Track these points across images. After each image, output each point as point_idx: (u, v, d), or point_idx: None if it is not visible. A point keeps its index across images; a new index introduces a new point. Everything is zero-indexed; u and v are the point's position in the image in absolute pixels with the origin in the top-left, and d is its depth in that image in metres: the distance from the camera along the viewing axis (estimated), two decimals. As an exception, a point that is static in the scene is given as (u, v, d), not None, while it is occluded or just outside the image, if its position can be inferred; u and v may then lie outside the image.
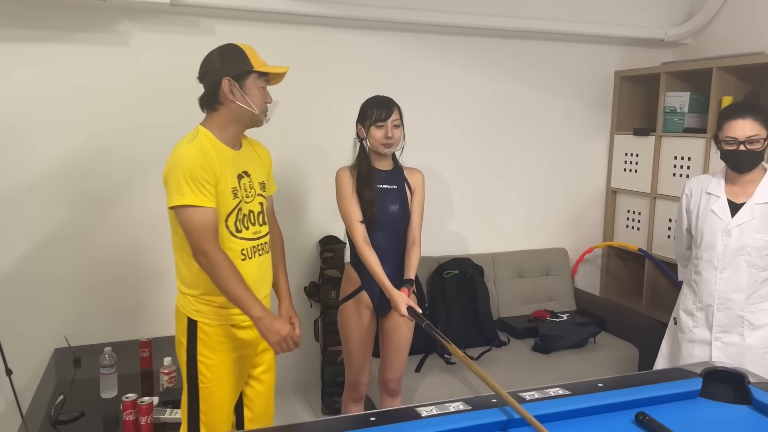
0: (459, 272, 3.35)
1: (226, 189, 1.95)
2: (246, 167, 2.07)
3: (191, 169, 1.86)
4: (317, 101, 3.35)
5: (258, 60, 2.01)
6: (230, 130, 2.02)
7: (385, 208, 2.41)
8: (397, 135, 2.38)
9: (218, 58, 1.99)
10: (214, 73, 1.96)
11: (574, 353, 3.25)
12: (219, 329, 2.01)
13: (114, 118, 3.01)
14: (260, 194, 2.11)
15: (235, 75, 1.95)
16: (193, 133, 2.00)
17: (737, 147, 2.30)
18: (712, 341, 2.42)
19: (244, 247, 2.02)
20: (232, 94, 1.95)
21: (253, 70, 1.97)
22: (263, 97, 2.02)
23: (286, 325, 1.93)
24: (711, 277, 2.40)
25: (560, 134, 3.91)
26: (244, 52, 1.98)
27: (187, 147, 1.92)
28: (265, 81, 2.02)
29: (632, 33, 3.79)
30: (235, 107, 1.97)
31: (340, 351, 3.32)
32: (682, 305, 2.55)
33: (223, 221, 1.96)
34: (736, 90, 3.31)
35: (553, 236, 3.99)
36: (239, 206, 2.00)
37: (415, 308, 2.23)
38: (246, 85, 1.97)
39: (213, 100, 1.99)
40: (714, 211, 2.39)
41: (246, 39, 3.14)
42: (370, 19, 3.26)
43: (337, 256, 3.37)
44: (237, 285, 1.89)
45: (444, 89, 3.58)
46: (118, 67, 2.99)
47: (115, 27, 2.97)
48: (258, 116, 2.02)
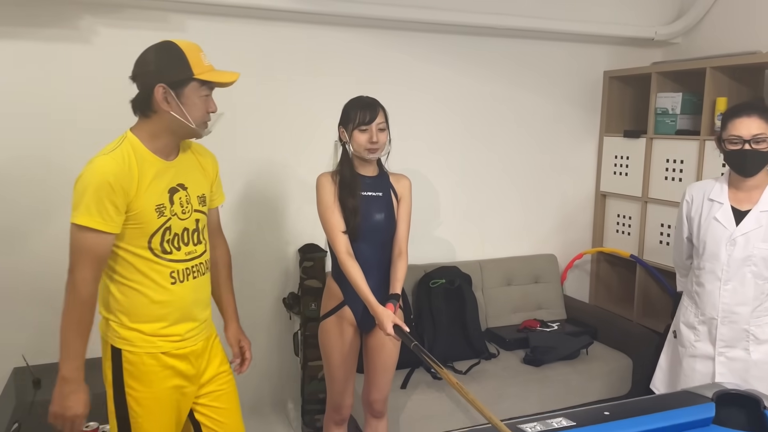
0: (446, 281, 3.20)
1: (148, 207, 1.74)
2: (182, 179, 1.84)
3: (99, 186, 1.65)
4: (296, 102, 3.18)
5: (201, 64, 1.75)
6: (163, 140, 1.79)
7: (369, 217, 2.24)
8: (383, 139, 2.21)
9: (154, 60, 1.74)
10: (147, 77, 1.73)
11: (567, 365, 3.12)
12: (147, 358, 1.80)
13: (75, 121, 2.79)
14: (198, 210, 1.89)
15: (171, 82, 1.71)
16: (118, 140, 1.77)
17: (742, 146, 2.17)
18: (716, 356, 2.29)
19: (174, 269, 1.81)
20: (166, 102, 1.72)
21: (193, 78, 1.73)
22: (204, 107, 1.78)
23: (80, 407, 1.71)
24: (714, 289, 2.27)
25: (548, 136, 3.78)
26: (185, 54, 1.72)
27: (102, 159, 1.70)
28: (208, 89, 1.78)
29: (622, 32, 3.67)
30: (170, 117, 1.74)
31: (321, 366, 3.14)
32: (682, 318, 2.42)
33: (145, 242, 1.76)
34: (730, 91, 3.20)
35: (542, 242, 3.86)
36: (167, 225, 1.78)
37: (402, 327, 2.06)
38: (184, 93, 1.73)
39: (145, 106, 1.76)
40: (717, 219, 2.26)
41: (219, 36, 3.01)
42: (351, 15, 3.09)
43: (317, 266, 3.20)
44: (77, 330, 1.69)
45: (428, 90, 3.42)
46: (80, 65, 2.78)
47: (76, 22, 2.76)
48: (195, 129, 1.78)
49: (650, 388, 2.61)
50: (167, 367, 1.83)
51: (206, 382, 1.96)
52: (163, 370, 1.82)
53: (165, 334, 1.82)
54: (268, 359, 3.31)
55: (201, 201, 1.91)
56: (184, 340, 1.85)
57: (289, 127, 3.19)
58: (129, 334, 1.79)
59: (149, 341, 1.80)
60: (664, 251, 3.48)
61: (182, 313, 1.84)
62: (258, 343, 3.28)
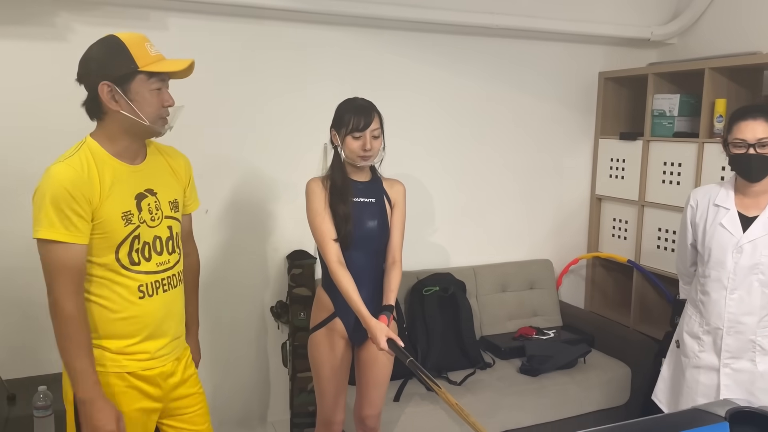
0: (440, 289, 3.10)
1: (114, 216, 1.62)
2: (150, 184, 1.72)
3: (56, 196, 1.54)
4: (283, 103, 3.06)
5: (147, 55, 1.61)
6: (122, 142, 1.67)
7: (361, 225, 2.13)
8: (377, 147, 2.10)
9: (94, 57, 1.62)
10: (91, 76, 1.61)
11: (564, 374, 3.02)
12: (112, 377, 1.68)
13: (48, 123, 2.65)
14: (171, 216, 1.77)
15: (115, 78, 1.58)
16: (76, 146, 1.65)
17: (747, 150, 2.09)
18: (721, 367, 2.21)
19: (142, 282, 1.68)
20: (114, 101, 1.60)
21: (138, 71, 1.59)
22: (158, 101, 1.64)
23: (110, 423, 1.60)
24: (720, 298, 2.18)
25: (542, 138, 3.69)
26: (126, 47, 1.59)
27: (57, 167, 1.58)
28: (160, 81, 1.65)
29: (617, 32, 3.59)
30: (121, 117, 1.61)
31: (310, 378, 3.02)
32: (686, 327, 2.33)
33: (112, 253, 1.64)
34: (729, 92, 3.13)
35: (537, 246, 3.77)
36: (135, 233, 1.66)
37: (396, 341, 1.96)
38: (131, 89, 1.60)
39: (96, 108, 1.64)
40: (723, 225, 2.17)
41: (203, 35, 2.88)
42: (340, 13, 2.98)
43: (306, 273, 3.09)
44: (75, 350, 1.58)
45: (419, 91, 3.32)
46: (56, 65, 2.64)
47: (51, 19, 2.63)
48: (151, 127, 1.65)
49: (652, 399, 2.52)
50: (134, 387, 1.71)
51: (175, 400, 1.83)
52: (130, 391, 1.70)
53: (132, 352, 1.69)
54: (255, 370, 3.19)
55: (173, 207, 1.78)
56: (153, 359, 1.73)
57: (276, 129, 3.07)
58: (93, 352, 1.65)
59: (115, 360, 1.68)
60: (661, 256, 3.40)
61: (151, 330, 1.71)
62: (245, 354, 3.17)
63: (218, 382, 3.08)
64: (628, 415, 3.15)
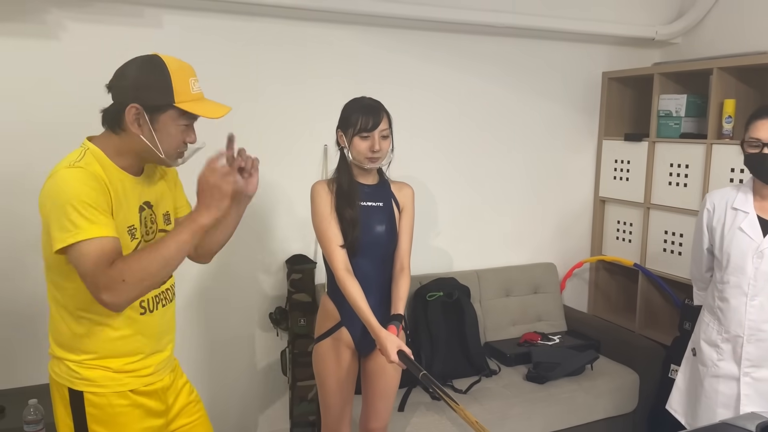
0: (444, 294, 3.01)
1: (121, 229, 1.52)
2: (149, 197, 1.64)
3: (79, 194, 1.42)
4: (282, 104, 2.96)
5: (187, 92, 1.52)
6: (129, 159, 1.58)
7: (369, 230, 2.04)
8: (385, 147, 2.01)
9: (134, 75, 1.52)
10: (123, 92, 1.52)
11: (572, 382, 2.95)
12: (114, 397, 1.59)
13: (35, 123, 2.55)
14: (163, 229, 1.69)
15: (147, 105, 1.49)
16: (78, 152, 1.53)
17: (761, 150, 2.03)
18: (741, 376, 2.13)
19: (144, 298, 1.61)
20: (137, 125, 1.51)
21: (173, 105, 1.51)
22: (181, 138, 1.56)
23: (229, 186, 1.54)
24: (740, 305, 2.11)
25: (545, 140, 3.62)
26: (170, 77, 1.50)
27: (72, 172, 1.46)
28: (189, 119, 1.56)
29: (622, 31, 3.52)
30: (138, 141, 1.52)
31: (311, 386, 2.94)
32: (703, 335, 2.26)
33: None
34: (738, 92, 3.07)
35: (540, 250, 3.70)
36: (138, 248, 1.58)
37: (407, 353, 1.87)
38: (159, 120, 1.51)
39: (115, 122, 1.54)
40: (743, 230, 2.10)
41: (199, 32, 2.78)
42: (341, 11, 2.89)
43: (306, 278, 3.00)
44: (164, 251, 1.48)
45: (420, 91, 3.23)
46: (47, 63, 2.54)
47: (42, 16, 2.52)
48: (164, 160, 1.57)
49: (666, 408, 2.45)
50: (138, 405, 1.63)
51: (176, 416, 1.77)
52: (134, 410, 1.62)
53: (133, 369, 1.61)
54: (253, 379, 3.09)
55: (166, 219, 1.71)
56: (153, 374, 1.66)
57: (275, 130, 2.97)
58: (92, 373, 1.57)
59: (116, 379, 1.59)
60: (668, 260, 3.33)
61: (152, 345, 1.65)
62: (243, 362, 3.07)
63: (216, 391, 2.98)
64: (636, 422, 3.08)
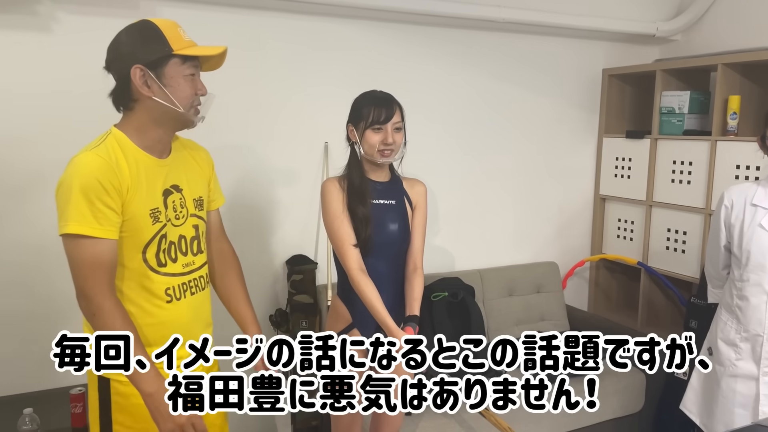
0: (449, 294, 2.95)
1: (142, 212, 1.52)
2: (176, 180, 1.62)
3: (86, 186, 1.43)
4: (281, 100, 2.88)
5: (181, 40, 1.54)
6: (152, 133, 1.56)
7: (382, 228, 1.97)
8: (399, 140, 1.95)
9: (126, 41, 1.53)
10: (121, 61, 1.52)
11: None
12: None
13: (30, 118, 2.44)
14: (195, 214, 1.67)
15: (149, 61, 1.50)
16: (101, 136, 1.54)
17: None
18: (760, 376, 2.09)
19: (169, 285, 1.59)
20: (146, 86, 1.51)
21: (173, 54, 1.51)
22: (192, 88, 1.56)
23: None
24: (760, 303, 2.07)
25: (545, 137, 3.57)
26: (160, 30, 1.52)
27: (85, 156, 1.47)
28: (193, 67, 1.56)
29: (622, 27, 3.49)
30: (153, 104, 1.52)
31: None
32: (720, 334, 2.22)
33: (139, 254, 1.54)
34: (742, 88, 3.05)
35: (542, 248, 3.65)
36: (162, 232, 1.56)
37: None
38: (165, 73, 1.51)
39: (125, 96, 1.54)
40: (763, 227, 2.06)
41: (197, 25, 2.63)
42: (339, 4, 2.81)
43: (307, 279, 2.92)
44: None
45: (421, 86, 3.16)
46: (39, 55, 2.43)
47: (34, 7, 2.41)
48: (185, 114, 1.56)
49: (680, 409, 2.41)
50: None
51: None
52: None
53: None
54: (253, 383, 3.00)
55: (198, 205, 1.68)
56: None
57: (275, 127, 2.89)
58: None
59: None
60: (671, 257, 3.31)
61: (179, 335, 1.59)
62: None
63: (214, 396, 2.89)
64: (642, 422, 3.05)
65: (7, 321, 2.50)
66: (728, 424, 2.15)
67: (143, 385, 1.47)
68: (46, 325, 2.55)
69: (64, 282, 2.53)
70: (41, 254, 2.51)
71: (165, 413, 1.47)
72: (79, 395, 2.30)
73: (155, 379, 1.48)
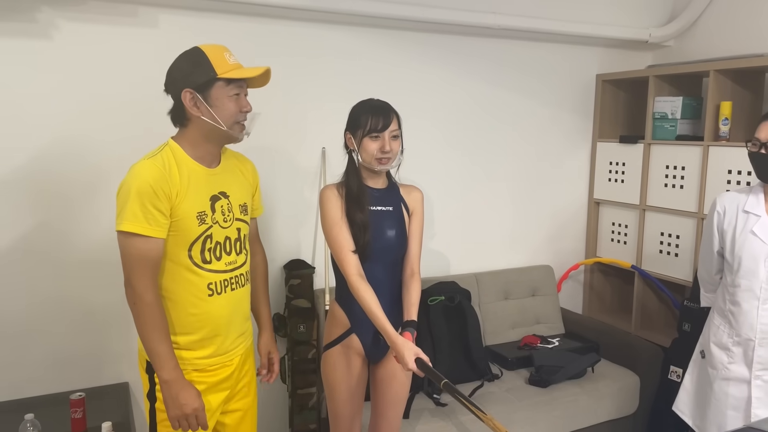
0: (445, 298, 2.98)
1: (189, 214, 1.72)
2: (224, 188, 1.83)
3: (140, 191, 1.65)
4: (278, 106, 2.91)
5: (225, 64, 1.73)
6: (202, 147, 1.78)
7: (380, 234, 2.00)
8: (396, 148, 1.98)
9: (178, 66, 1.75)
10: (174, 85, 1.74)
11: (574, 385, 2.94)
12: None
13: (29, 127, 2.46)
14: (240, 219, 1.87)
15: (197, 85, 1.70)
16: (159, 147, 1.77)
17: (759, 149, 2.06)
18: (752, 379, 2.14)
19: (212, 281, 1.78)
20: (196, 107, 1.72)
21: (217, 78, 1.70)
22: (236, 107, 1.75)
23: (195, 400, 1.72)
24: (752, 309, 2.11)
25: (539, 142, 3.61)
26: (206, 56, 1.72)
27: (142, 164, 1.70)
28: (238, 88, 1.75)
29: (616, 33, 3.53)
30: (202, 122, 1.73)
31: (311, 394, 2.88)
32: (713, 338, 2.25)
33: (185, 251, 1.74)
34: (734, 94, 3.09)
35: (537, 252, 3.69)
36: (208, 233, 1.76)
37: (425, 360, 1.83)
38: (211, 95, 1.71)
39: (180, 115, 1.76)
40: (755, 233, 2.10)
41: (196, 32, 2.70)
42: (336, 11, 2.83)
43: (305, 283, 2.94)
44: (156, 335, 1.69)
45: (416, 92, 3.19)
46: (38, 63, 2.45)
47: (33, 15, 2.43)
48: (229, 132, 1.76)
49: (673, 410, 2.45)
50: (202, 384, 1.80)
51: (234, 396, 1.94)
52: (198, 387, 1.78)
53: (199, 348, 1.79)
54: (251, 387, 3.02)
55: (243, 210, 1.89)
56: (218, 355, 1.82)
57: (272, 133, 2.91)
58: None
59: (182, 357, 1.76)
60: (664, 261, 3.35)
61: (217, 328, 1.80)
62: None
63: (212, 400, 2.90)
64: (637, 424, 3.08)
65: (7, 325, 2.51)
66: (721, 426, 2.19)
67: (162, 371, 1.69)
68: (50, 332, 2.58)
69: (74, 288, 2.57)
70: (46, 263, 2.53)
71: (175, 401, 1.69)
72: (79, 400, 2.32)
73: (174, 369, 1.69)
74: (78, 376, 2.63)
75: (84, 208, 2.57)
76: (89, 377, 2.65)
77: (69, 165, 2.53)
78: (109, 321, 2.65)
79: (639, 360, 3.10)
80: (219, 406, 1.87)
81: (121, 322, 2.60)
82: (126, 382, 2.70)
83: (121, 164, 2.01)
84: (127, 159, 1.87)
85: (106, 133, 2.54)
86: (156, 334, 1.68)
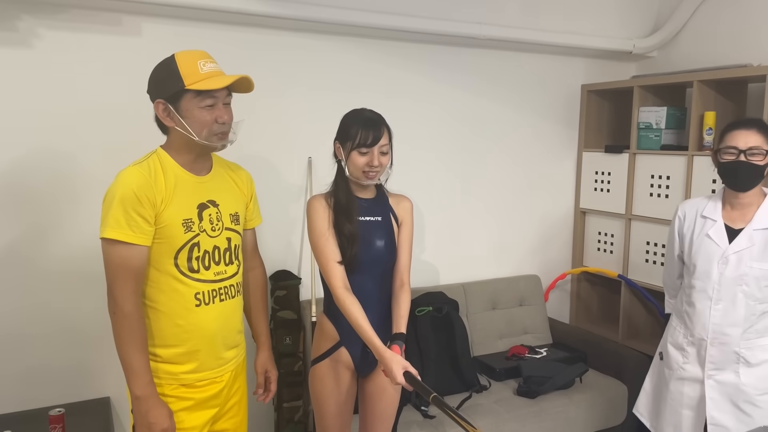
0: (433, 309, 2.96)
1: (175, 221, 1.68)
2: (213, 196, 1.78)
3: (124, 198, 1.62)
4: (265, 115, 2.88)
5: (194, 73, 1.66)
6: (186, 154, 1.74)
7: (368, 245, 1.97)
8: (384, 163, 1.95)
9: (153, 77, 1.72)
10: (151, 95, 1.72)
11: (562, 395, 2.92)
12: (166, 389, 1.72)
13: (9, 136, 2.41)
14: (230, 228, 1.82)
15: (167, 96, 1.67)
16: (147, 154, 1.74)
17: (737, 157, 2.07)
18: (705, 379, 2.19)
19: (199, 290, 1.73)
20: (169, 118, 1.69)
21: (185, 89, 1.65)
22: (210, 117, 1.69)
23: (164, 420, 1.66)
24: (705, 309, 2.16)
25: (525, 152, 3.62)
26: (177, 66, 1.66)
27: (127, 170, 1.67)
28: (212, 98, 1.68)
29: (600, 44, 3.56)
30: (179, 132, 1.70)
31: (297, 407, 2.84)
32: (670, 339, 2.32)
33: (171, 259, 1.69)
34: (716, 105, 3.12)
35: (523, 262, 3.69)
36: (195, 241, 1.71)
37: (414, 374, 1.80)
38: (181, 107, 1.67)
39: (160, 123, 1.74)
40: (710, 237, 2.16)
41: (181, 41, 2.63)
42: (322, 21, 2.82)
43: (291, 295, 2.91)
44: (132, 348, 1.63)
45: (402, 102, 3.18)
46: (19, 72, 2.40)
47: (13, 23, 2.39)
48: (203, 143, 1.70)
49: (633, 412, 2.49)
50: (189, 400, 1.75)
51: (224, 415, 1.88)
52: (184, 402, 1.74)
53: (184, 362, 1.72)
54: (236, 401, 2.97)
55: (234, 219, 1.84)
56: (206, 371, 1.76)
57: (258, 142, 2.88)
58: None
59: (166, 371, 1.72)
60: (650, 270, 3.36)
61: (204, 340, 1.74)
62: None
63: (197, 415, 2.85)
64: (625, 435, 3.08)
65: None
66: (676, 425, 2.26)
67: (134, 387, 1.64)
68: (27, 344, 2.51)
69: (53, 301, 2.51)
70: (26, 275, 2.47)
71: (144, 419, 1.64)
72: (58, 416, 2.25)
73: (147, 385, 1.64)
74: (57, 391, 2.57)
75: (65, 218, 2.52)
76: (69, 392, 2.58)
77: (50, 174, 2.48)
78: (91, 334, 2.60)
79: (626, 369, 3.10)
80: (205, 424, 1.80)
81: (103, 335, 2.54)
82: (107, 396, 2.64)
83: (105, 173, 1.98)
84: (111, 167, 1.84)
85: (89, 142, 2.50)
86: (132, 346, 1.63)
